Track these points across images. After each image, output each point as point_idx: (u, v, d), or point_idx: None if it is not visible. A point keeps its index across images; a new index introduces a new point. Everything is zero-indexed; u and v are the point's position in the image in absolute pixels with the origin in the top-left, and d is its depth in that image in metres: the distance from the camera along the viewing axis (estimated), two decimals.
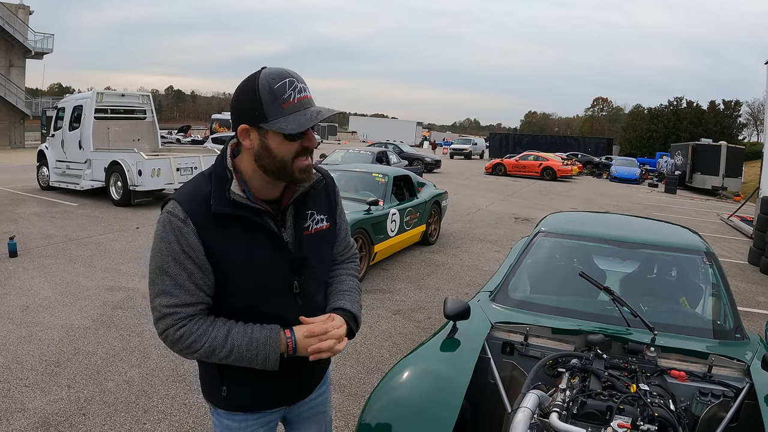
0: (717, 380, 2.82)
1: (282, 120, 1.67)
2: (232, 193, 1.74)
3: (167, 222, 1.74)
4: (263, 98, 1.67)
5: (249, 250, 1.78)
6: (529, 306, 3.59)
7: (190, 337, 1.74)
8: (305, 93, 1.71)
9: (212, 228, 1.74)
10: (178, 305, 1.74)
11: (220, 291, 1.82)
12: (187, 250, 1.72)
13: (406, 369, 2.77)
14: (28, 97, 41.19)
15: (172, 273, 1.72)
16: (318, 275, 1.99)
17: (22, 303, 6.60)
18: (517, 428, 2.16)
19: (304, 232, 1.90)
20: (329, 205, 2.03)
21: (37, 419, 4.11)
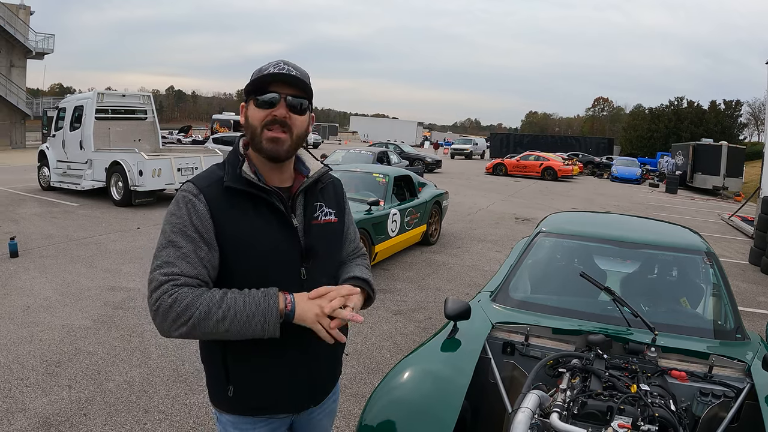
0: (718, 380, 2.82)
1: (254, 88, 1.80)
2: (243, 172, 1.80)
3: (180, 198, 1.79)
4: (252, 76, 1.82)
5: (259, 229, 1.81)
6: (529, 306, 3.59)
7: (183, 301, 1.66)
8: (287, 70, 1.80)
9: (224, 202, 1.79)
10: (177, 274, 1.71)
11: (227, 271, 1.81)
12: (196, 223, 1.75)
13: (407, 369, 2.77)
14: (29, 97, 41.22)
15: (178, 244, 1.73)
16: (325, 266, 1.99)
17: (23, 303, 6.61)
18: (517, 428, 2.16)
19: (313, 222, 1.94)
20: (337, 202, 2.08)
21: (37, 419, 4.11)
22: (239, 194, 1.80)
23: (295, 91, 1.80)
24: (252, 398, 1.91)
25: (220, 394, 1.93)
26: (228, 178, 1.81)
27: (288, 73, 1.79)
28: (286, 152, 1.83)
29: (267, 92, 1.78)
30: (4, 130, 38.10)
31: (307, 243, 1.89)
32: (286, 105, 1.79)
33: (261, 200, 1.82)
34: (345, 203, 2.14)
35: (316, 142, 53.45)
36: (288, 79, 1.79)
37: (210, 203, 1.77)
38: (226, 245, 1.79)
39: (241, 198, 1.80)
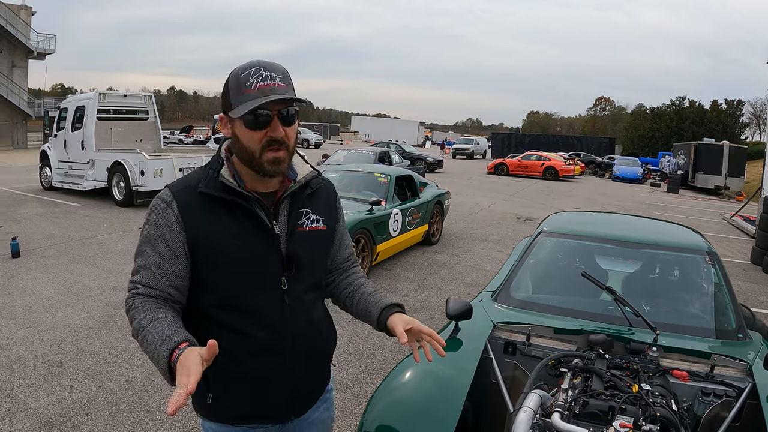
0: (719, 380, 2.82)
1: (238, 107, 1.66)
2: (221, 176, 1.73)
3: (153, 206, 1.75)
4: (231, 87, 1.69)
5: (235, 235, 1.73)
6: (531, 306, 3.59)
7: (130, 312, 1.69)
8: (270, 81, 1.66)
9: (197, 209, 1.72)
10: (139, 283, 1.71)
11: (203, 279, 1.76)
12: (164, 233, 1.71)
13: (408, 369, 2.77)
14: (30, 97, 41.25)
15: (144, 254, 1.73)
16: (308, 276, 1.89)
17: (24, 303, 6.62)
18: (519, 428, 2.16)
19: (297, 229, 1.85)
20: (329, 208, 1.99)
21: (39, 419, 4.12)
22: (214, 200, 1.73)
23: (283, 104, 1.69)
24: (231, 406, 1.85)
25: (201, 400, 1.88)
26: (204, 183, 1.74)
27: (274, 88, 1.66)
28: (286, 168, 1.77)
29: (256, 112, 1.65)
30: (5, 130, 38.15)
31: (288, 251, 1.81)
32: (279, 122, 1.69)
33: (238, 206, 1.74)
34: (338, 209, 2.06)
35: (318, 142, 53.39)
36: (277, 91, 1.67)
37: (182, 210, 1.71)
38: (198, 253, 1.73)
39: (216, 204, 1.73)
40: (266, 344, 1.78)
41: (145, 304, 1.68)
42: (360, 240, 7.99)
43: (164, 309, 1.69)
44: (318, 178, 1.94)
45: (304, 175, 1.88)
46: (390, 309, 1.93)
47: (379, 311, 1.94)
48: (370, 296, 2.02)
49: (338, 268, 2.12)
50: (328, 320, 2.05)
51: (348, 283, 2.10)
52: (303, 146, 48.48)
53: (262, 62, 1.69)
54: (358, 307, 2.05)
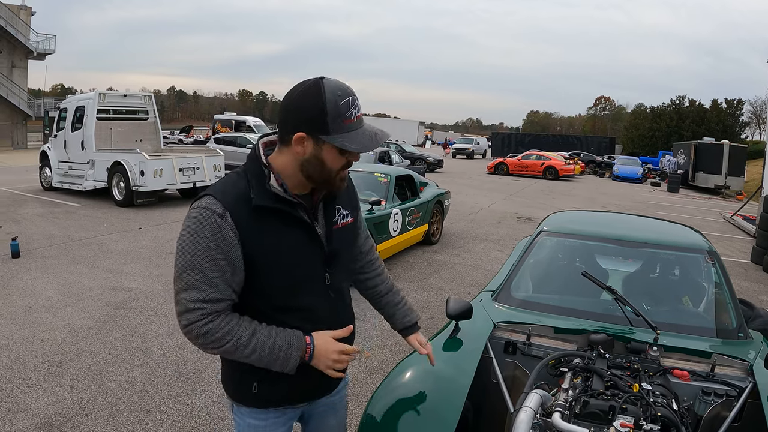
0: (720, 379, 2.82)
1: (344, 136, 1.73)
2: (272, 187, 1.79)
3: (203, 217, 1.73)
4: (329, 112, 1.71)
5: (286, 242, 1.83)
6: (531, 305, 3.58)
7: (216, 334, 1.74)
8: (361, 111, 1.79)
9: (251, 221, 1.77)
10: (205, 300, 1.73)
11: (256, 285, 1.83)
12: (222, 246, 1.72)
13: (409, 369, 2.76)
14: (30, 98, 41.28)
15: (203, 269, 1.72)
16: (344, 267, 2.08)
17: (24, 303, 6.61)
18: (519, 428, 2.16)
19: (334, 227, 1.98)
20: (351, 200, 2.12)
21: (39, 419, 4.12)
22: (266, 211, 1.78)
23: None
24: (274, 393, 1.96)
25: (244, 389, 1.96)
26: (255, 194, 1.77)
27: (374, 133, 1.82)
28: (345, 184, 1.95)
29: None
30: (5, 130, 38.17)
31: (330, 249, 1.95)
32: None
33: (287, 214, 1.82)
34: (356, 198, 2.19)
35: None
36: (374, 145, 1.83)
37: (237, 223, 1.74)
38: (255, 261, 1.79)
39: (269, 214, 1.79)
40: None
41: (224, 321, 1.76)
42: None
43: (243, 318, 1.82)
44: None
45: None
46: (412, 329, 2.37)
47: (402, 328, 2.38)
48: (396, 308, 2.37)
49: (361, 251, 2.30)
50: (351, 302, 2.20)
51: (375, 284, 2.37)
52: None
53: (350, 89, 1.77)
54: (382, 311, 2.40)
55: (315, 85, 1.72)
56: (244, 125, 34.13)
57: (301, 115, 1.73)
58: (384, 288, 2.36)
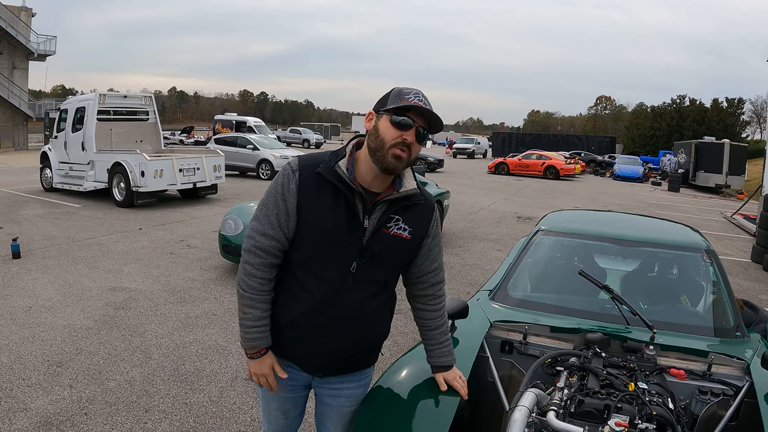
0: (716, 379, 2.81)
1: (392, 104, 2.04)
2: (338, 167, 2.08)
3: (283, 170, 2.14)
4: (392, 94, 2.09)
5: (331, 215, 2.08)
6: (528, 305, 3.58)
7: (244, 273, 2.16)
8: (425, 104, 2.04)
9: (311, 184, 2.08)
10: (258, 231, 2.13)
11: (298, 241, 2.14)
12: (285, 193, 2.09)
13: (404, 367, 2.76)
14: (31, 99, 41.25)
15: (267, 205, 2.13)
16: (378, 270, 2.19)
17: (25, 304, 6.62)
18: (514, 427, 2.16)
19: (383, 229, 2.15)
20: (420, 223, 2.25)
21: (39, 419, 4.12)
22: (326, 183, 2.07)
23: (424, 123, 2.06)
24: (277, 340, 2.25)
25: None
26: (324, 166, 2.09)
27: (426, 107, 2.03)
28: (402, 169, 2.10)
29: (405, 116, 2.02)
30: (6, 131, 38.20)
31: (368, 244, 2.12)
32: (415, 133, 2.04)
33: (342, 194, 2.07)
34: (431, 227, 2.30)
35: (318, 142, 53.31)
36: (424, 112, 2.04)
37: (301, 181, 2.08)
38: (301, 221, 2.10)
39: (327, 186, 2.08)
40: (317, 306, 2.14)
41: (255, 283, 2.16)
42: None
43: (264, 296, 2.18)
44: (418, 195, 2.21)
45: (407, 189, 2.17)
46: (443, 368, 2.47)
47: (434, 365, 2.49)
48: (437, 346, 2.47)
49: (422, 281, 2.40)
50: (381, 316, 2.35)
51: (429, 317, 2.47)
52: (303, 146, 48.46)
53: (418, 89, 2.09)
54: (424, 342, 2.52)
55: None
56: (244, 126, 34.15)
57: (377, 102, 2.13)
58: (435, 324, 2.46)
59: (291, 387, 2.37)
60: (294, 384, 2.36)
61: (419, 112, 2.03)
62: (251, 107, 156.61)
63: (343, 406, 2.42)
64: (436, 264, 2.38)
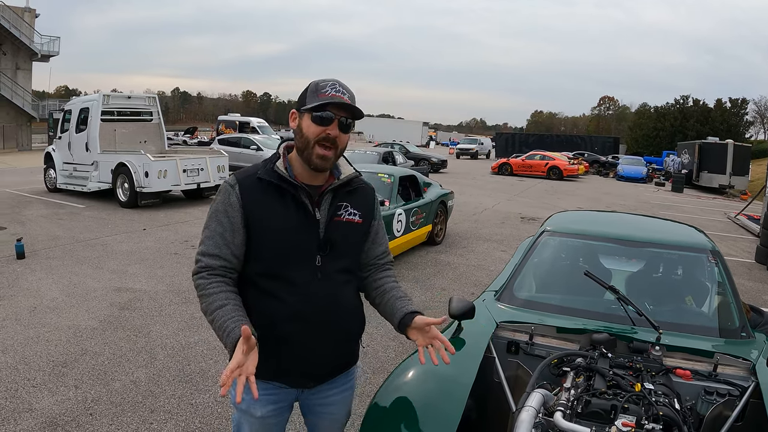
0: (722, 379, 2.81)
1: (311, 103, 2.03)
2: (276, 167, 2.09)
3: (221, 188, 2.13)
4: (309, 89, 2.08)
5: (280, 215, 2.07)
6: (534, 305, 3.58)
7: (201, 291, 2.06)
8: (341, 94, 2.05)
9: (255, 192, 2.07)
10: (204, 253, 2.08)
11: (255, 250, 2.09)
12: (227, 209, 2.07)
13: (411, 369, 2.77)
14: (34, 99, 41.34)
15: (210, 226, 2.10)
16: (341, 259, 2.18)
17: (29, 304, 6.64)
18: (521, 427, 2.16)
19: (335, 218, 2.16)
20: (365, 207, 2.28)
21: (44, 419, 4.13)
22: (269, 186, 2.07)
23: (346, 113, 2.06)
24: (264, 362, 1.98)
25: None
26: (262, 171, 2.09)
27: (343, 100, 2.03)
28: (330, 167, 2.12)
29: (324, 110, 2.02)
30: (10, 132, 38.28)
31: (326, 235, 2.12)
32: (338, 125, 2.05)
33: (288, 193, 2.07)
34: (375, 209, 2.34)
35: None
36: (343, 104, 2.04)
37: (242, 193, 2.06)
38: (253, 228, 2.06)
39: (271, 189, 2.07)
40: (295, 310, 2.07)
41: (211, 285, 2.05)
42: None
43: (226, 292, 2.04)
44: (358, 178, 2.27)
45: (347, 174, 2.22)
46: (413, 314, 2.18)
47: (403, 315, 2.20)
48: (398, 300, 2.27)
49: (372, 264, 2.38)
50: (356, 304, 2.30)
51: (380, 284, 2.36)
52: None
53: (338, 80, 2.09)
54: (385, 307, 2.31)
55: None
56: (248, 126, 34.14)
57: (297, 101, 2.13)
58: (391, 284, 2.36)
59: (277, 410, 2.23)
60: (280, 405, 2.24)
61: (339, 105, 2.04)
62: (254, 108, 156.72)
63: (334, 414, 2.37)
64: (384, 247, 2.42)
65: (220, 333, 1.96)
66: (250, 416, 2.19)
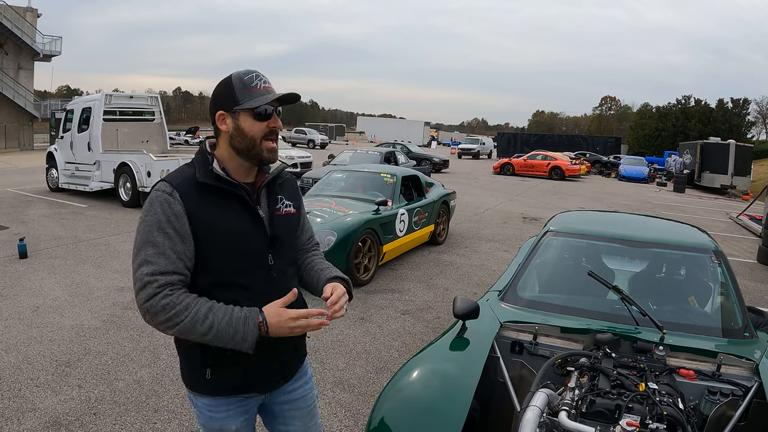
0: (726, 379, 2.82)
1: (250, 101, 1.97)
2: (214, 169, 1.99)
3: (155, 198, 1.94)
4: (235, 86, 1.99)
5: (229, 218, 1.98)
6: (538, 305, 3.59)
7: (174, 309, 1.84)
8: (269, 84, 2.03)
9: (197, 197, 1.95)
10: (159, 273, 1.87)
11: (203, 261, 1.96)
12: (171, 219, 1.90)
13: (416, 368, 2.78)
14: (36, 99, 41.35)
15: (155, 242, 1.89)
16: (288, 253, 2.19)
17: (32, 304, 6.65)
18: (526, 427, 2.17)
19: (276, 213, 2.14)
20: (295, 195, 2.28)
21: (47, 419, 4.14)
22: (211, 189, 1.97)
23: (278, 102, 2.06)
24: (228, 379, 2.04)
25: (197, 377, 2.06)
26: (200, 174, 1.98)
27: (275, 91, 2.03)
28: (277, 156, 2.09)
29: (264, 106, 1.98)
30: (12, 132, 38.30)
31: (272, 232, 2.09)
32: (278, 117, 2.04)
33: (230, 193, 1.99)
34: (299, 196, 2.34)
35: (323, 142, 53.33)
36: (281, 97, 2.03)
37: (183, 199, 1.92)
38: (201, 236, 1.94)
39: (213, 192, 1.97)
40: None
41: (181, 296, 1.87)
42: (366, 240, 8.00)
43: (201, 298, 1.92)
44: (285, 170, 2.24)
45: (276, 167, 2.17)
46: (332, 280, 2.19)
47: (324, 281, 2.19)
48: (322, 272, 2.27)
49: (302, 248, 2.37)
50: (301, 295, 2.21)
51: (309, 261, 2.35)
52: (309, 147, 48.45)
53: (256, 70, 2.04)
54: (310, 280, 2.29)
55: (225, 77, 2.03)
56: None
57: (217, 99, 2.03)
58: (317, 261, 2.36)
59: (249, 419, 2.19)
60: (251, 414, 2.20)
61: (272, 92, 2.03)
62: None
63: (300, 408, 2.31)
64: (311, 232, 2.43)
65: (233, 329, 1.86)
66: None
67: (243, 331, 1.87)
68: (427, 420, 2.42)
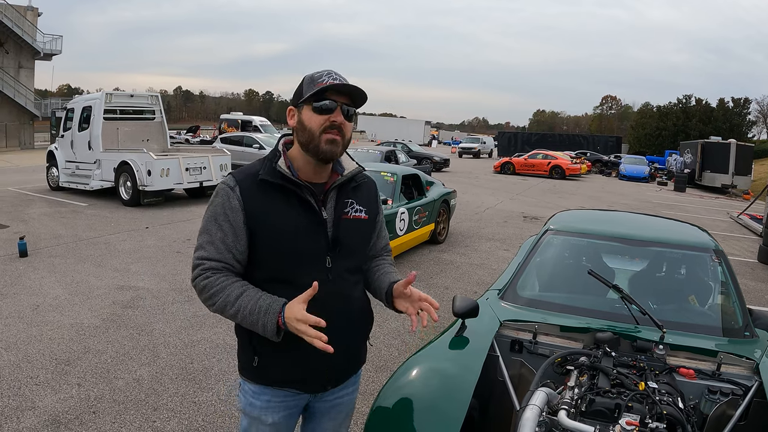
0: (726, 378, 2.81)
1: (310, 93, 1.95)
2: (278, 167, 1.99)
3: (219, 189, 2.02)
4: (305, 83, 1.99)
5: (287, 217, 1.98)
6: (537, 304, 3.58)
7: (210, 290, 1.95)
8: (340, 81, 1.95)
9: (256, 194, 1.98)
10: (205, 258, 1.98)
11: (257, 255, 2.01)
12: (227, 212, 1.97)
13: (415, 367, 2.77)
14: (37, 98, 41.36)
15: (210, 230, 1.99)
16: (351, 258, 2.14)
17: (32, 302, 6.65)
18: (525, 426, 2.16)
19: (343, 216, 2.09)
20: (370, 202, 2.22)
21: (47, 417, 4.14)
22: (272, 186, 1.98)
23: (347, 100, 1.99)
24: (273, 370, 2.07)
25: (246, 363, 2.12)
26: (264, 171, 2.00)
27: (343, 83, 1.95)
28: (339, 153, 2.03)
29: (324, 98, 1.95)
30: (12, 130, 38.31)
31: (334, 234, 2.05)
32: (341, 112, 1.97)
33: (292, 193, 1.99)
34: (378, 203, 2.29)
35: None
36: (342, 89, 1.96)
37: (243, 194, 1.97)
38: (257, 232, 1.98)
39: (274, 190, 1.99)
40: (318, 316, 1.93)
41: (220, 279, 1.96)
42: None
43: (238, 281, 1.99)
44: (362, 173, 2.20)
45: (350, 170, 2.14)
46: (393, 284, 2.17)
47: (388, 285, 2.19)
48: (385, 276, 2.26)
49: (375, 256, 2.36)
50: (366, 301, 2.25)
51: (374, 265, 2.33)
52: None
53: (333, 70, 2.00)
54: (375, 285, 2.27)
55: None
56: (250, 125, 34.18)
57: (293, 97, 2.05)
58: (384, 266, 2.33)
59: (288, 415, 2.18)
60: (292, 411, 2.19)
61: (338, 90, 1.96)
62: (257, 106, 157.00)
63: (338, 417, 2.32)
64: (386, 241, 2.40)
65: (254, 317, 1.89)
66: (261, 423, 2.14)
67: (263, 320, 1.89)
68: (426, 418, 2.41)
